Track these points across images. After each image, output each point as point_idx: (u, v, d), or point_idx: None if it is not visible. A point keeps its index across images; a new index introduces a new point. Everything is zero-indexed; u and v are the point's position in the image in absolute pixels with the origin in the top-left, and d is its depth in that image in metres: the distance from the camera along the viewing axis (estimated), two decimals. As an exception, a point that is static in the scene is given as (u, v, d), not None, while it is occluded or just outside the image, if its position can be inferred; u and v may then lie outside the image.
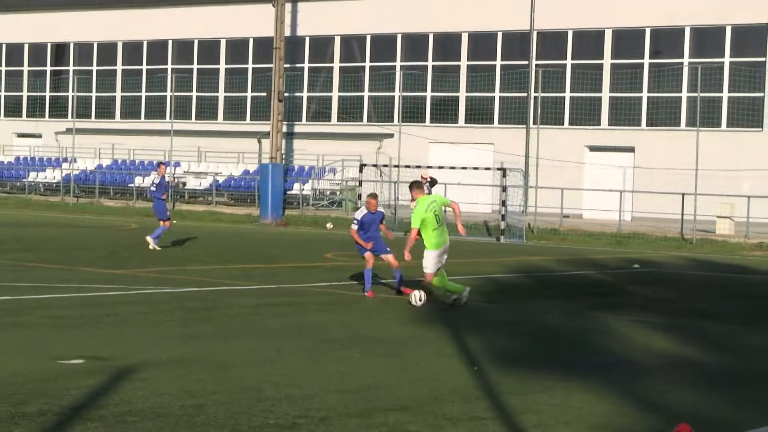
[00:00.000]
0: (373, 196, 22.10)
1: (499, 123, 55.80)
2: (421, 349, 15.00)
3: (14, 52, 70.09)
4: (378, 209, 22.05)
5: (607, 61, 53.76)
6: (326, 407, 10.95)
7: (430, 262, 20.00)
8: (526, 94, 53.46)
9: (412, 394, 11.78)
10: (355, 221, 21.61)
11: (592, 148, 53.54)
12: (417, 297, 19.78)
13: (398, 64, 58.05)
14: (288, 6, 55.15)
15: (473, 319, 18.76)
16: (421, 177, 42.69)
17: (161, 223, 32.44)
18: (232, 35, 62.75)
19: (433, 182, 41.80)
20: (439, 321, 17.99)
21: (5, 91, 70.09)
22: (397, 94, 56.18)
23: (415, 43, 58.43)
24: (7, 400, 10.72)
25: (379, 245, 21.68)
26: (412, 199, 20.59)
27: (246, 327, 16.56)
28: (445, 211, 20.99)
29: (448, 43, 57.43)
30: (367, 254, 21.47)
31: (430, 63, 57.78)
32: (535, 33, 54.42)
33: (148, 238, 31.51)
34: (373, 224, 21.79)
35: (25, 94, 69.70)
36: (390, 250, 21.81)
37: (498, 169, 45.26)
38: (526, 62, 54.24)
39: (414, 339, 15.94)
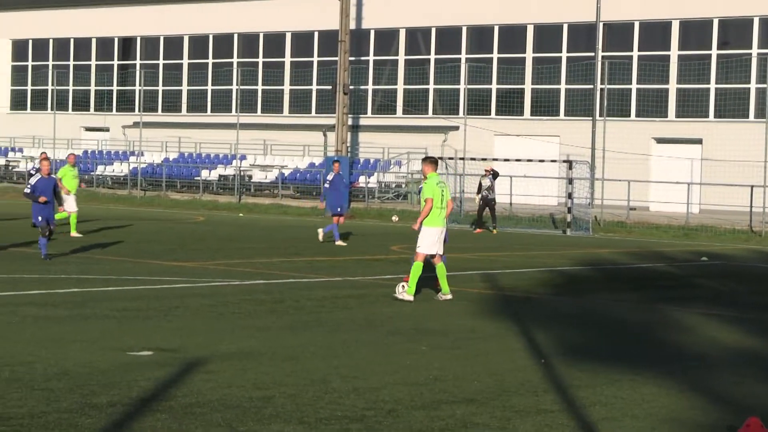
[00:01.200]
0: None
1: (564, 115, 55.54)
2: (488, 342, 14.97)
3: (82, 47, 70.75)
4: None
5: (674, 53, 53.31)
6: (393, 399, 10.95)
7: (425, 242, 19.38)
8: (592, 86, 53.12)
9: (478, 387, 11.76)
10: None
11: (659, 140, 53.14)
12: (399, 289, 19.44)
13: (463, 56, 57.93)
14: (353, -1, 55.21)
15: (539, 312, 18.69)
16: (484, 169, 42.63)
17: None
18: (297, 28, 62.92)
19: (495, 174, 41.66)
20: (505, 314, 17.93)
21: (73, 86, 70.77)
22: (462, 86, 56.11)
23: (480, 35, 58.28)
24: (78, 391, 10.82)
25: None
26: (424, 177, 19.82)
27: (313, 319, 16.60)
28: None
29: (513, 35, 57.22)
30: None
31: (495, 55, 57.59)
32: (601, 24, 54.05)
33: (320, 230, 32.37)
34: None
35: (92, 88, 70.34)
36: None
37: (564, 161, 45.06)
38: (592, 54, 53.91)
39: (480, 332, 15.91)
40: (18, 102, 73.31)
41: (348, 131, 53.38)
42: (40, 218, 24.65)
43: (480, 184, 41.64)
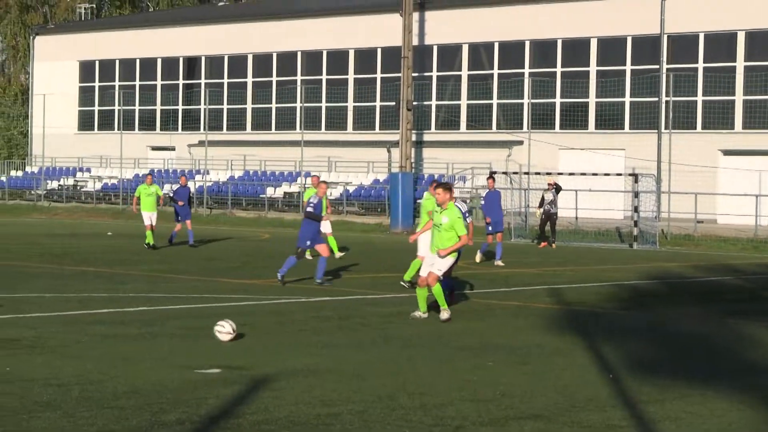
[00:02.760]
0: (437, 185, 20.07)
1: (630, 128, 55.20)
2: (555, 358, 14.89)
3: (147, 67, 71.38)
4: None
5: (740, 64, 52.86)
6: (461, 416, 10.93)
7: (449, 267, 19.13)
8: (657, 99, 52.78)
9: (546, 403, 11.70)
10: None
11: (726, 152, 52.66)
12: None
13: (527, 70, 57.79)
14: (415, 15, 55.29)
15: (607, 326, 18.58)
16: (547, 183, 42.46)
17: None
18: (360, 45, 63.08)
19: (558, 188, 41.48)
20: (572, 329, 17.84)
21: (139, 105, 71.39)
22: (526, 101, 55.98)
23: (543, 49, 58.12)
24: (147, 409, 10.90)
25: None
26: (442, 204, 18.71)
27: (380, 336, 16.61)
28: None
29: (576, 49, 57.00)
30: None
31: (558, 69, 57.40)
32: (665, 37, 53.72)
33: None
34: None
35: (158, 107, 70.93)
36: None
37: (629, 174, 44.77)
38: (657, 66, 53.55)
39: (547, 347, 15.83)
40: (85, 122, 74.06)
41: (412, 147, 53.41)
42: (308, 242, 24.54)
43: (542, 198, 41.47)
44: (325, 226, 31.76)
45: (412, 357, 14.59)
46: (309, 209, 24.66)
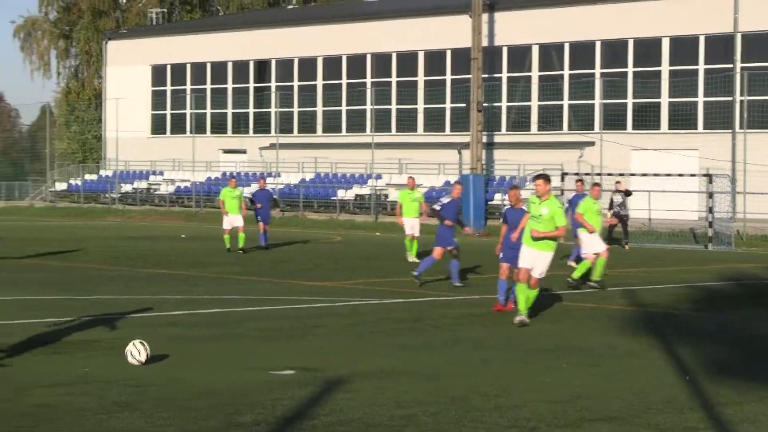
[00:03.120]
0: (512, 186, 20.65)
1: (703, 128, 54.67)
2: (630, 359, 14.79)
3: (219, 70, 71.84)
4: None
5: (816, 62, 52.19)
6: (536, 417, 10.89)
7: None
8: (731, 98, 52.25)
9: (621, 405, 11.62)
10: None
11: (802, 151, 52.01)
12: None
13: (597, 71, 57.46)
14: (485, 16, 55.16)
15: (682, 328, 18.42)
16: (615, 184, 42.17)
17: None
18: (429, 47, 63.05)
19: (627, 193, 41.13)
20: (646, 330, 17.70)
21: (211, 109, 71.89)
22: (597, 101, 55.68)
23: (614, 50, 57.74)
24: (223, 410, 10.97)
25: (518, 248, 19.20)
26: (542, 195, 18.24)
27: (452, 337, 16.59)
28: None
29: (648, 49, 56.57)
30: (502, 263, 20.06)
31: (630, 69, 57.00)
32: (739, 35, 53.17)
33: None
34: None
35: (229, 111, 71.37)
36: None
37: (704, 175, 44.36)
38: (731, 65, 53.03)
39: (622, 349, 15.72)
40: (158, 126, 74.70)
41: (482, 148, 53.30)
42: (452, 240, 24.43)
43: (611, 201, 41.20)
44: (414, 228, 31.84)
45: (485, 359, 14.56)
46: (440, 210, 24.61)
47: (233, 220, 35.17)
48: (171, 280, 25.09)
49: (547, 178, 18.52)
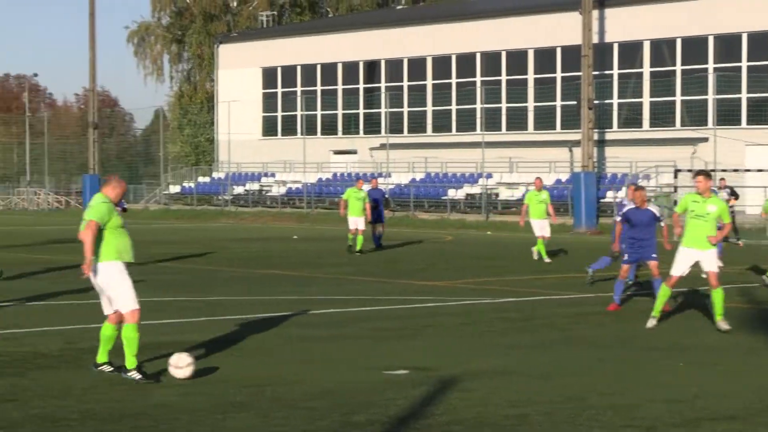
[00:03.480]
0: (638, 187, 19.90)
1: (820, 122, 53.66)
2: (749, 357, 14.57)
3: (329, 71, 72.24)
4: (648, 207, 19.58)
5: None
6: (652, 417, 10.78)
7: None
8: None
9: (741, 404, 11.45)
10: (619, 215, 20.17)
11: None
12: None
13: (710, 66, 56.69)
14: (595, 13, 54.73)
15: (801, 325, 18.10)
16: (720, 179, 41.54)
17: None
18: (539, 45, 62.73)
19: (733, 193, 40.52)
20: (765, 328, 17.42)
21: (321, 110, 72.33)
22: (710, 96, 54.96)
23: (728, 44, 56.91)
24: (338, 410, 11.03)
25: (646, 249, 19.27)
26: (704, 192, 17.49)
27: (565, 336, 16.49)
28: None
29: (762, 42, 55.66)
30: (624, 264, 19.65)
31: (744, 63, 56.14)
32: None
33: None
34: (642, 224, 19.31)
35: (340, 112, 71.75)
36: (656, 255, 19.57)
37: (821, 169, 43.54)
38: None
39: (740, 347, 15.50)
40: (269, 128, 75.36)
41: (594, 146, 52.90)
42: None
43: None
44: (543, 228, 31.52)
45: (599, 357, 14.45)
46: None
47: (357, 221, 34.60)
48: (284, 281, 25.29)
49: (708, 175, 17.87)
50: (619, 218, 20.53)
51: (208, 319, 17.92)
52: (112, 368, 12.76)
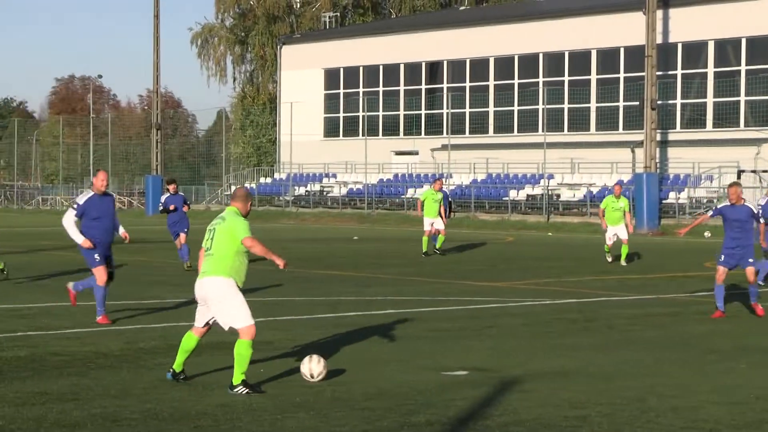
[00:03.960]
0: (734, 183, 19.32)
1: None
2: (811, 360, 14.42)
3: (391, 72, 72.32)
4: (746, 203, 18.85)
5: None
6: (713, 419, 10.70)
7: None
8: None
9: (803, 407, 11.34)
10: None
11: None
12: None
13: (776, 65, 56.16)
14: (659, 13, 54.39)
15: None
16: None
17: None
18: (602, 45, 62.42)
19: None
20: (829, 331, 17.24)
21: (383, 111, 72.39)
22: (775, 96, 54.44)
23: (793, 43, 56.37)
24: (397, 410, 11.04)
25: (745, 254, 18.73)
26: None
27: (626, 338, 16.41)
28: None
29: (828, 42, 55.08)
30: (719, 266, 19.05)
31: (810, 63, 55.57)
32: None
33: None
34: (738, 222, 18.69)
35: (401, 112, 71.77)
36: (753, 260, 19.02)
37: None
38: None
39: (803, 350, 15.35)
40: (331, 129, 75.55)
41: (656, 147, 52.55)
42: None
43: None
44: (620, 231, 31.10)
45: (660, 359, 14.36)
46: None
47: (434, 221, 33.89)
48: (344, 282, 25.34)
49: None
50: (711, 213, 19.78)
51: (266, 320, 18.00)
52: (184, 377, 12.63)
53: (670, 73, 59.57)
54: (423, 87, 70.75)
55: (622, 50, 61.50)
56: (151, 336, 16.10)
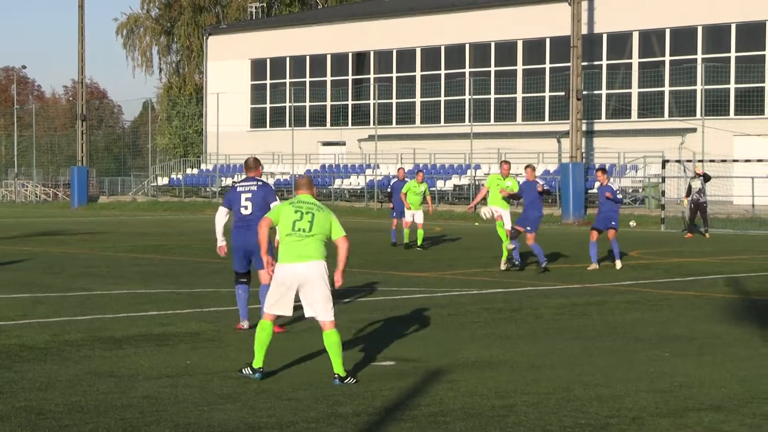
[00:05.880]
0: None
1: (808, 112, 53.77)
2: (734, 348, 14.59)
3: (317, 63, 72.23)
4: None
5: None
6: (638, 407, 10.80)
7: None
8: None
9: (726, 394, 11.47)
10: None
11: None
12: None
13: (699, 56, 56.76)
14: (584, 4, 54.75)
15: (787, 316, 18.13)
16: (695, 171, 41.57)
17: None
18: (528, 36, 62.76)
19: (706, 178, 40.53)
20: (751, 319, 17.46)
21: (310, 101, 72.28)
22: (699, 87, 55.03)
23: (716, 34, 56.99)
24: (324, 401, 11.04)
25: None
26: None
27: (552, 327, 16.51)
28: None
29: (751, 32, 55.74)
30: None
31: (733, 54, 56.21)
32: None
33: None
34: None
35: (328, 103, 71.71)
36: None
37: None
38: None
39: (725, 337, 15.53)
40: (257, 120, 75.33)
41: (582, 137, 52.93)
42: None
43: (689, 187, 40.54)
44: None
45: (586, 348, 14.47)
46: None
47: (414, 214, 33.17)
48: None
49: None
50: None
51: (192, 311, 17.92)
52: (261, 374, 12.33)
53: (596, 63, 60.04)
54: (350, 77, 70.74)
55: (547, 41, 61.88)
56: (77, 328, 15.95)
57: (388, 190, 33.85)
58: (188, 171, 76.42)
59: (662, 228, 43.71)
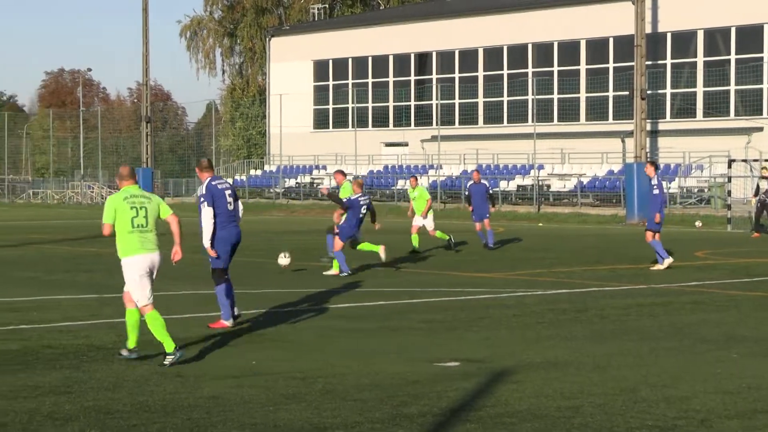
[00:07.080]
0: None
1: None
2: (803, 349, 14.43)
3: (380, 64, 72.29)
4: None
5: None
6: (705, 409, 10.70)
7: None
8: None
9: (795, 396, 11.35)
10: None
11: None
12: None
13: (765, 54, 56.22)
14: (648, 2, 54.40)
15: None
16: (762, 168, 41.11)
17: None
18: (591, 35, 62.44)
19: None
20: (821, 319, 17.26)
21: (372, 102, 72.35)
22: (765, 86, 54.48)
23: (782, 33, 56.42)
24: (389, 401, 11.03)
25: None
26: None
27: (618, 328, 16.41)
28: None
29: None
30: None
31: (799, 52, 55.63)
32: None
33: None
34: None
35: (391, 104, 71.76)
36: None
37: None
38: None
39: (794, 338, 15.36)
40: (320, 121, 75.53)
41: (646, 136, 52.58)
42: None
43: (757, 186, 40.18)
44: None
45: (653, 349, 14.36)
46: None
47: (417, 219, 32.41)
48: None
49: None
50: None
51: (255, 312, 17.98)
52: None
53: (660, 62, 59.62)
54: (412, 78, 70.75)
55: (611, 40, 61.54)
56: (143, 329, 16.05)
57: (466, 193, 33.18)
58: (252, 172, 76.79)
59: (729, 228, 43.33)
